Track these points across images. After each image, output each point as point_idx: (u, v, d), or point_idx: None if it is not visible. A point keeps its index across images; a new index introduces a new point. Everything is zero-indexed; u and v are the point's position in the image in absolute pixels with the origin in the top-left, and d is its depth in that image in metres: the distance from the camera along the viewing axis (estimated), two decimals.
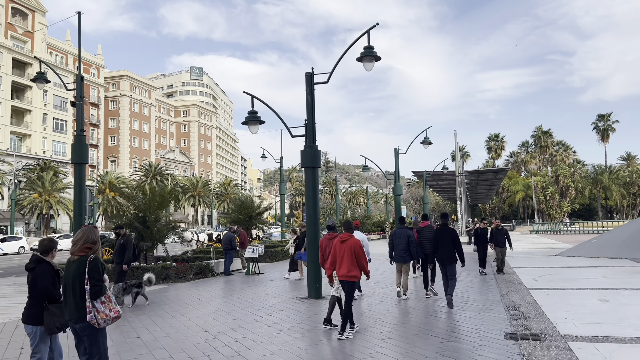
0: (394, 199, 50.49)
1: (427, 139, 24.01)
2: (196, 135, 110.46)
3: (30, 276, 4.94)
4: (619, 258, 18.62)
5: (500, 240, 15.32)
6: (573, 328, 7.82)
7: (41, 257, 5.01)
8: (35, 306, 4.85)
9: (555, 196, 74.36)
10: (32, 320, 4.84)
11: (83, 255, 4.61)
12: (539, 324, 8.20)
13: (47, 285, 4.83)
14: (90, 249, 4.65)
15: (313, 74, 11.98)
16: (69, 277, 4.62)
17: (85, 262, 4.53)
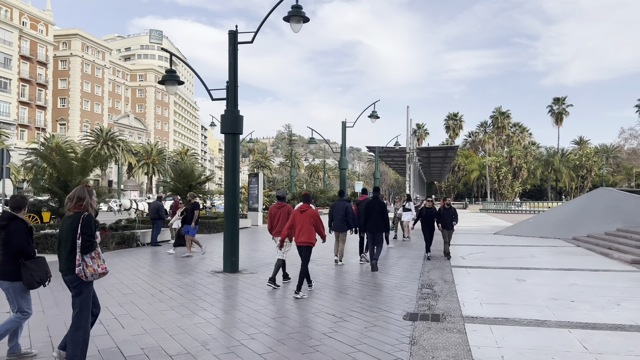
0: (344, 173, 49.99)
1: (374, 112, 23.50)
2: (152, 101, 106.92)
3: (4, 233, 4.98)
4: (552, 238, 18.81)
5: (447, 221, 13.14)
6: (478, 309, 7.51)
7: (13, 213, 5.10)
8: (11, 263, 4.95)
9: (508, 176, 76.07)
10: (9, 277, 4.95)
11: (77, 212, 4.76)
12: (446, 303, 7.85)
13: (22, 243, 4.95)
14: (82, 204, 4.78)
15: (237, 32, 11.10)
16: (63, 231, 4.77)
17: (79, 218, 4.68)
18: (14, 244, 4.95)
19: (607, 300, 8.09)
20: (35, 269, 4.99)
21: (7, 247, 4.98)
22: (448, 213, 13.30)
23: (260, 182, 27.03)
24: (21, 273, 4.96)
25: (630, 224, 16.81)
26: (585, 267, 11.61)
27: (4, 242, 4.99)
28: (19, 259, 4.98)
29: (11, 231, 4.97)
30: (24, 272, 4.95)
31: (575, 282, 9.70)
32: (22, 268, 4.96)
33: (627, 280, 9.93)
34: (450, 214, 13.31)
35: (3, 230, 5.02)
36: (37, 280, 5.00)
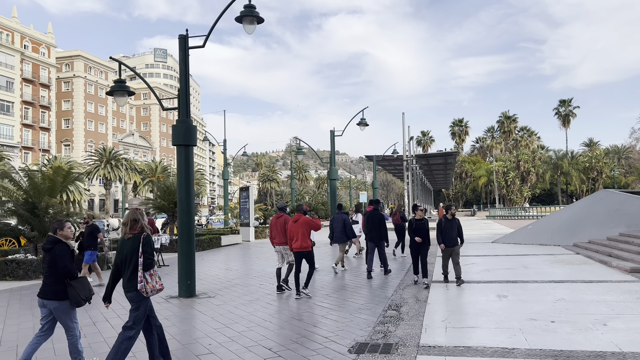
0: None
1: (363, 120, 22.62)
2: (157, 118, 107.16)
3: (48, 256, 5.32)
4: (552, 245, 17.67)
5: (450, 236, 10.21)
6: (440, 335, 6.52)
7: (57, 237, 5.42)
8: (58, 283, 5.27)
9: (516, 181, 74.41)
10: (57, 296, 5.26)
11: (137, 233, 5.19)
12: (406, 329, 6.88)
13: (67, 264, 5.28)
14: (136, 226, 5.22)
15: (187, 36, 10.33)
16: (125, 252, 5.18)
17: (139, 239, 5.13)
18: (60, 266, 5.26)
19: (593, 319, 7.05)
20: (80, 288, 5.32)
21: (53, 269, 5.29)
22: (451, 225, 10.24)
23: (251, 196, 26.21)
24: (68, 292, 5.27)
25: (633, 227, 15.63)
26: (579, 278, 10.53)
27: (50, 265, 5.31)
28: (65, 279, 5.29)
29: (56, 254, 5.29)
30: (70, 291, 5.27)
31: (562, 297, 8.65)
32: (69, 288, 5.28)
33: (621, 292, 8.85)
34: (454, 226, 10.27)
35: (48, 253, 5.35)
36: (83, 297, 5.32)
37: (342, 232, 12.96)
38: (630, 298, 8.37)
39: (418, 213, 10.57)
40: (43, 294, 5.32)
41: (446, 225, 10.29)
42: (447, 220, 10.36)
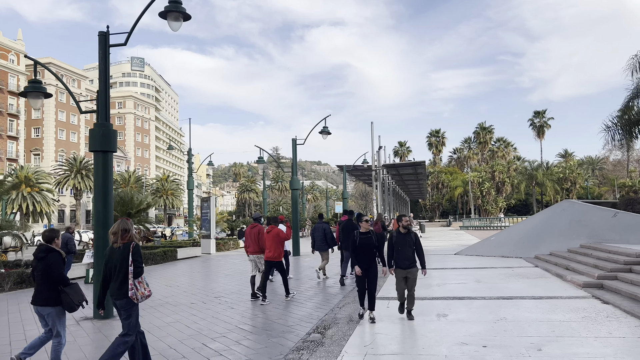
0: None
1: (325, 128, 21.95)
2: (132, 128, 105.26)
3: (42, 264, 5.51)
4: (514, 257, 17.11)
5: (404, 254, 7.88)
6: None
7: (50, 246, 5.62)
8: (52, 290, 5.46)
9: (492, 192, 74.58)
10: (51, 302, 5.46)
11: (126, 242, 5.33)
12: (320, 357, 6.10)
13: (60, 272, 5.50)
14: (126, 235, 5.34)
15: (108, 33, 9.51)
16: (114, 261, 5.31)
17: (129, 248, 5.29)
18: (54, 273, 5.47)
19: (529, 343, 6.37)
20: (73, 294, 5.55)
21: (47, 276, 5.49)
22: (404, 241, 7.88)
23: (212, 206, 25.25)
24: (61, 298, 5.50)
25: (594, 239, 15.16)
26: (529, 294, 9.89)
27: (43, 272, 5.50)
28: (58, 286, 5.51)
29: (50, 262, 5.49)
30: (64, 297, 5.49)
31: (505, 317, 7.97)
32: (62, 294, 5.50)
33: (568, 311, 8.21)
34: (409, 242, 7.90)
35: (41, 262, 5.54)
36: (77, 303, 5.56)
37: (323, 241, 13.35)
38: (576, 317, 7.73)
39: (363, 225, 8.04)
40: (37, 301, 5.57)
41: (398, 241, 7.86)
42: (400, 234, 7.90)
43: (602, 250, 13.18)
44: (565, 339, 6.48)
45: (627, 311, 7.92)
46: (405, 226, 8.05)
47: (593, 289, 10.10)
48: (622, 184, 71.13)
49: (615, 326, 7.09)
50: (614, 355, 5.70)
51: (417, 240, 8.08)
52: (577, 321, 7.46)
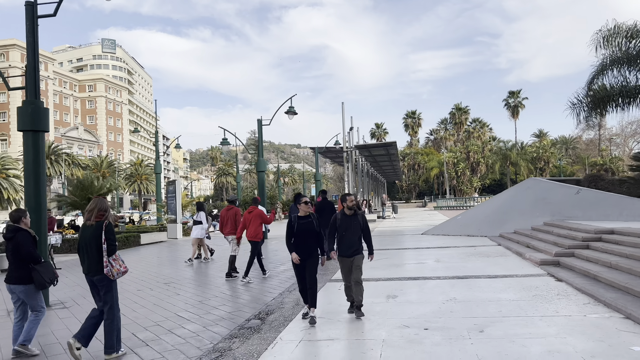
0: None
1: (292, 108, 21.41)
2: (104, 111, 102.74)
3: (11, 244, 5.66)
4: (479, 236, 17.03)
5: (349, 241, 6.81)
6: (286, 352, 5.43)
7: (18, 226, 5.77)
8: (22, 269, 5.62)
9: (466, 172, 75.10)
10: (22, 281, 5.62)
11: (99, 221, 5.47)
12: (252, 345, 5.77)
13: (29, 250, 5.63)
14: (103, 215, 5.52)
15: (36, 3, 8.81)
16: (86, 239, 5.47)
17: (101, 226, 5.42)
18: (22, 252, 5.59)
19: (472, 324, 6.10)
20: (44, 272, 5.67)
21: (17, 255, 5.62)
22: (349, 225, 6.77)
23: (178, 190, 24.62)
24: (32, 276, 5.61)
25: (557, 216, 15.11)
26: (485, 274, 9.68)
27: (13, 252, 5.62)
28: (29, 264, 5.62)
29: (19, 241, 5.60)
30: (35, 275, 5.60)
31: (455, 297, 7.72)
32: (33, 272, 5.61)
33: (520, 289, 7.99)
34: (355, 226, 6.78)
35: (10, 241, 5.67)
36: (47, 280, 5.70)
37: None
38: (527, 296, 7.51)
39: (301, 207, 6.78)
40: (9, 279, 5.68)
41: (343, 224, 6.78)
42: (345, 217, 6.81)
43: (563, 227, 13.10)
44: (510, 319, 6.23)
45: (578, 288, 7.74)
46: (351, 207, 6.85)
47: (550, 266, 9.95)
48: (594, 162, 72.30)
49: (564, 304, 6.88)
50: (556, 335, 5.46)
51: (365, 223, 6.91)
52: (526, 300, 7.24)
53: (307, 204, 6.79)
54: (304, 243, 6.61)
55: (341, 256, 6.86)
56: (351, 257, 6.79)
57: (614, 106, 18.27)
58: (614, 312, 6.29)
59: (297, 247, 6.61)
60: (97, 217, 5.49)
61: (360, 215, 6.92)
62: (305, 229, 6.67)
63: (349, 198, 6.86)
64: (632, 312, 5.95)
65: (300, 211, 6.83)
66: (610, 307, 6.52)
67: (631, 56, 16.87)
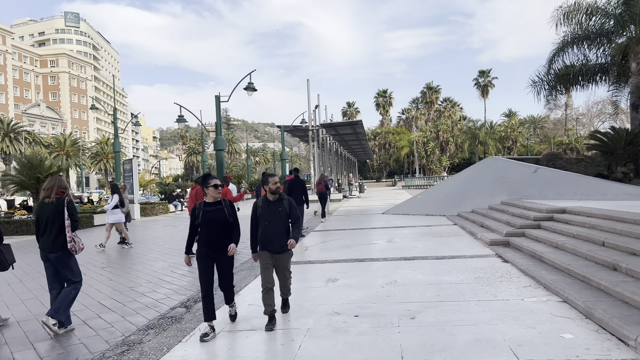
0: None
1: (251, 84, 20.68)
2: (67, 88, 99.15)
3: None
4: (438, 215, 16.88)
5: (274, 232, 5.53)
6: (198, 346, 4.99)
7: None
8: None
9: (436, 151, 75.56)
10: None
11: (59, 197, 5.58)
12: (165, 338, 5.32)
13: None
14: (64, 192, 5.63)
15: None
16: (46, 216, 5.52)
17: (63, 203, 5.52)
18: None
19: (405, 310, 5.79)
20: (7, 253, 5.92)
21: None
22: (273, 213, 5.52)
23: (135, 169, 23.76)
24: None
25: (514, 195, 15.01)
26: (433, 255, 9.41)
27: None
28: None
29: None
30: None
31: (396, 280, 7.41)
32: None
33: (464, 271, 7.74)
34: (281, 215, 5.53)
35: None
36: (9, 262, 5.93)
37: None
38: (469, 278, 7.25)
39: (209, 192, 5.35)
40: None
41: (264, 214, 5.50)
42: (267, 203, 5.54)
43: (518, 206, 12.97)
44: (446, 304, 5.93)
45: (522, 270, 7.52)
46: (275, 191, 5.53)
47: (499, 246, 9.75)
48: (560, 141, 73.55)
49: (505, 287, 6.63)
50: (488, 322, 5.18)
51: (293, 208, 5.59)
52: (468, 283, 6.97)
53: (217, 187, 5.34)
54: (214, 235, 5.26)
55: (263, 250, 5.52)
56: (275, 254, 5.51)
57: (574, 84, 18.23)
58: (552, 296, 6.06)
59: (204, 240, 5.30)
60: (58, 194, 5.57)
61: (286, 201, 5.60)
62: (213, 217, 5.27)
63: (272, 180, 5.54)
64: (569, 295, 5.72)
65: (207, 196, 5.39)
66: (549, 289, 6.29)
67: (591, 33, 16.75)
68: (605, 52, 17.71)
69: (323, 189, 18.12)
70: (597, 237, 7.72)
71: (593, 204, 11.04)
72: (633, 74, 15.84)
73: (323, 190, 18.12)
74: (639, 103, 15.93)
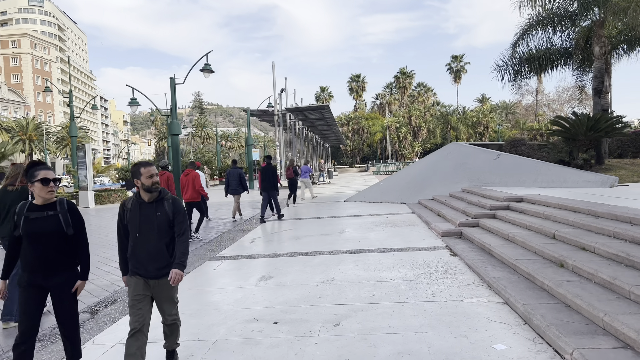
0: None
1: (207, 65, 19.71)
2: (30, 69, 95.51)
3: None
4: (399, 203, 16.43)
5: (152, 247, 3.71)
6: None
7: None
8: None
9: (408, 136, 75.46)
10: None
11: (24, 185, 5.49)
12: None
13: None
14: None
15: None
16: (9, 203, 5.41)
17: (27, 190, 5.41)
18: None
19: (332, 314, 5.21)
20: None
21: None
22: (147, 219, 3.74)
23: (88, 155, 22.64)
24: None
25: (475, 182, 14.62)
26: (381, 247, 8.87)
27: None
28: None
29: None
30: None
31: (334, 277, 6.83)
32: None
33: (409, 266, 7.20)
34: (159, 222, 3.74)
35: None
36: None
37: (238, 185, 14.38)
38: (411, 275, 6.72)
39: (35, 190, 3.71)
40: None
41: (134, 221, 3.77)
42: (140, 205, 3.79)
43: (476, 194, 12.55)
44: (378, 307, 5.37)
45: (469, 265, 7.03)
46: (150, 187, 3.74)
47: (451, 238, 9.28)
48: (530, 127, 74.20)
49: (446, 285, 6.11)
50: (418, 329, 4.63)
51: (179, 214, 3.80)
52: (408, 280, 6.43)
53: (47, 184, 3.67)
54: (39, 255, 3.63)
55: (134, 275, 3.78)
56: (151, 279, 3.75)
57: (539, 68, 17.85)
58: (493, 296, 5.56)
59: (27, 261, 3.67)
60: (22, 182, 5.52)
61: (169, 202, 3.82)
62: (39, 231, 3.64)
63: (146, 171, 3.73)
64: (510, 296, 5.22)
65: (36, 197, 3.73)
66: (492, 288, 5.80)
67: (555, 16, 16.33)
68: (569, 36, 17.37)
69: (292, 174, 17.99)
70: (548, 229, 7.27)
71: (551, 192, 10.66)
72: (596, 58, 15.51)
73: (292, 176, 17.99)
74: (601, 88, 15.64)
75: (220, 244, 10.39)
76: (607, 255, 5.56)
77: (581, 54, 16.85)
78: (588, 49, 16.57)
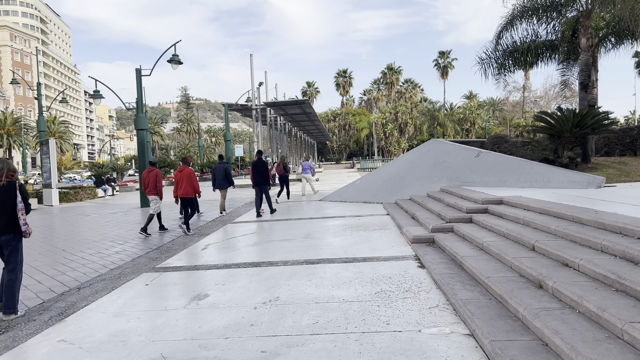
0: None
1: (175, 56, 18.62)
2: (9, 62, 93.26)
3: None
4: (375, 202, 15.51)
5: None
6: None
7: None
8: None
9: (394, 133, 74.65)
10: None
11: (10, 181, 5.46)
12: None
13: None
14: (13, 175, 5.49)
15: None
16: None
17: (15, 186, 5.44)
18: None
19: (259, 351, 4.24)
20: None
21: None
22: None
23: (52, 150, 21.43)
24: None
25: (454, 181, 13.73)
26: (343, 256, 7.91)
27: None
28: None
29: None
30: None
31: (279, 296, 5.86)
32: None
33: (368, 282, 6.24)
34: None
35: None
36: None
37: (224, 179, 14.58)
38: (368, 293, 5.76)
39: None
40: None
41: None
42: None
43: (454, 194, 11.66)
44: (317, 341, 4.40)
45: (436, 280, 6.10)
46: None
47: (422, 245, 8.34)
48: (517, 124, 73.79)
49: (406, 309, 5.16)
50: None
51: None
52: (363, 301, 5.48)
53: None
54: None
55: None
56: None
57: (524, 62, 17.00)
58: (458, 325, 4.62)
59: None
60: (8, 177, 5.50)
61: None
62: None
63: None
64: (477, 327, 4.28)
65: None
66: (458, 314, 4.87)
67: (540, 6, 15.46)
68: (555, 28, 16.52)
69: (282, 170, 18.01)
70: (527, 239, 6.36)
71: (534, 193, 9.78)
72: (583, 51, 14.67)
73: (282, 172, 18.02)
74: (587, 82, 14.81)
75: (170, 250, 9.38)
76: (593, 275, 4.65)
77: (567, 47, 16.01)
78: (574, 41, 15.74)
